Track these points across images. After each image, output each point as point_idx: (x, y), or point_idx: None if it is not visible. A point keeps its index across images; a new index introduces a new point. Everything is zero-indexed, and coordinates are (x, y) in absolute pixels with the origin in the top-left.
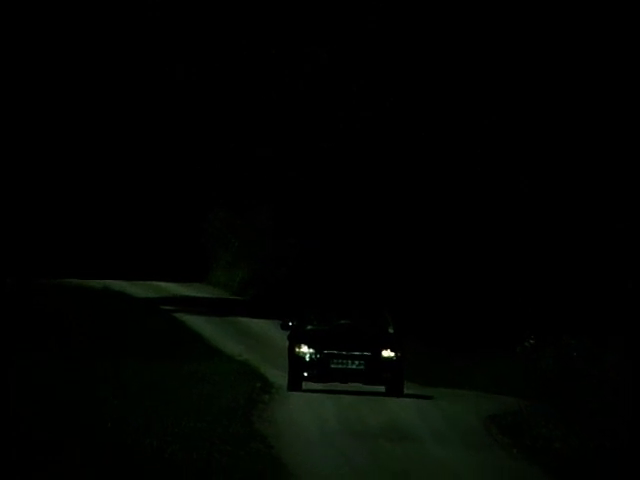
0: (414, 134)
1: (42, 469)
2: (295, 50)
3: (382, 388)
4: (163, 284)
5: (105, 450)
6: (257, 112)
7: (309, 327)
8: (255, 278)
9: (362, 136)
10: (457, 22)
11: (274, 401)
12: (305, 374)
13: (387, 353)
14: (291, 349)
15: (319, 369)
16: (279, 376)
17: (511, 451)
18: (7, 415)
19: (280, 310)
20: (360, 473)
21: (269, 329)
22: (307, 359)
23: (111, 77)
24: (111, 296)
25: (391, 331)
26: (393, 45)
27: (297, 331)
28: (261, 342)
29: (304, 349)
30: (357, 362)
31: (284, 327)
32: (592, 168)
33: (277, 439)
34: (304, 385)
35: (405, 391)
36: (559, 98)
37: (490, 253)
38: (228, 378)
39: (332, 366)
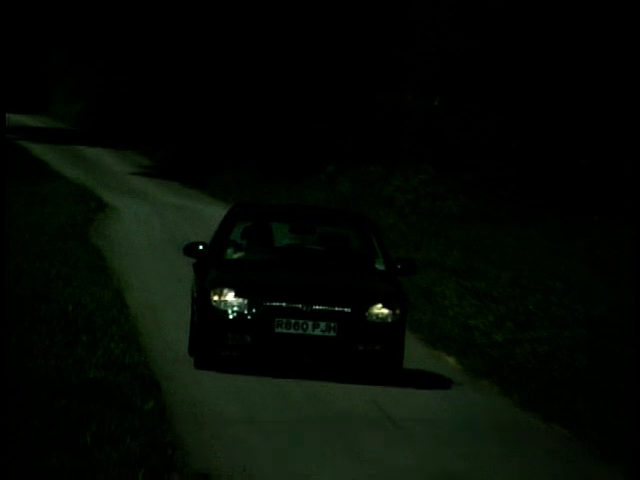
0: None
1: None
2: None
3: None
4: (8, 115)
5: None
6: None
7: (235, 255)
8: (90, 111)
9: None
10: None
11: (108, 219)
12: (229, 341)
13: (379, 310)
14: (202, 296)
15: (255, 334)
16: (112, 197)
17: None
18: None
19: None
20: (180, 276)
21: (103, 156)
22: (233, 316)
23: None
24: None
25: (382, 267)
26: None
27: (213, 263)
28: (96, 168)
29: (229, 298)
30: (324, 324)
31: (189, 252)
32: None
33: (111, 251)
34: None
35: (214, 210)
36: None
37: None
38: (67, 199)
39: (278, 330)
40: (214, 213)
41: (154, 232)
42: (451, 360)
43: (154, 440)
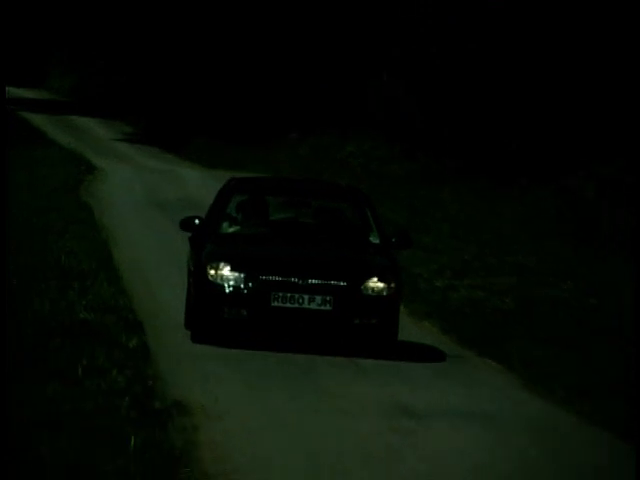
0: None
1: None
2: None
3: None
4: (8, 88)
5: None
6: None
7: (231, 229)
8: (82, 85)
9: None
10: None
11: (96, 180)
12: (225, 315)
13: (374, 284)
14: (198, 270)
15: (251, 308)
16: (100, 161)
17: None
18: None
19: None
20: (161, 230)
21: (92, 125)
22: (229, 290)
23: None
24: None
25: (376, 241)
26: None
27: (209, 237)
28: (86, 135)
29: (225, 272)
30: (319, 298)
31: (185, 226)
32: None
33: (99, 207)
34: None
35: (190, 172)
36: None
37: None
38: (60, 162)
39: (274, 304)
40: (188, 174)
41: (136, 191)
42: None
43: (137, 373)
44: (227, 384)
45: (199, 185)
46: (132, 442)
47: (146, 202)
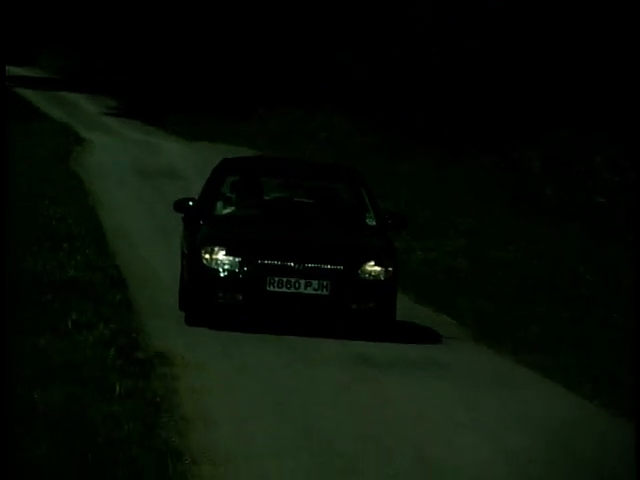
0: None
1: None
2: None
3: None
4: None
5: None
6: None
7: (225, 210)
8: (72, 63)
9: None
10: None
11: (84, 151)
12: (220, 299)
13: (371, 267)
14: (193, 254)
15: (246, 293)
16: (88, 133)
17: None
18: None
19: (94, 85)
20: (144, 201)
21: (80, 100)
22: (224, 275)
23: None
24: None
25: (372, 222)
26: None
27: (203, 219)
28: (75, 109)
29: (220, 256)
30: (316, 283)
31: (179, 208)
32: None
33: (87, 176)
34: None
35: (170, 144)
36: None
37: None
38: (52, 134)
39: (270, 289)
40: (168, 145)
41: (120, 161)
42: None
43: (122, 326)
44: (205, 337)
45: (177, 155)
46: (117, 389)
47: (129, 170)
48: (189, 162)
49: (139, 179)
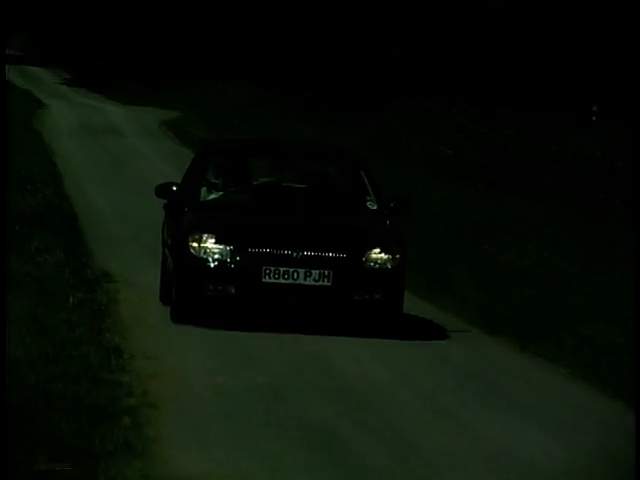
0: None
1: None
2: None
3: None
4: None
5: None
6: None
7: (211, 196)
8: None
9: None
10: None
11: (44, 113)
12: (210, 292)
13: (377, 255)
14: (178, 243)
15: (240, 285)
16: (46, 99)
17: (175, 140)
18: None
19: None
20: (91, 152)
21: (40, 73)
22: (214, 265)
23: None
24: None
25: (374, 207)
26: None
27: (188, 205)
28: (35, 80)
29: (209, 245)
30: (316, 273)
31: (161, 193)
32: None
33: (46, 133)
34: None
35: (111, 107)
36: None
37: None
38: (17, 99)
39: (266, 280)
40: (109, 108)
41: (71, 121)
42: None
43: (75, 252)
44: (143, 260)
45: (118, 116)
46: (71, 300)
47: (79, 129)
48: (125, 121)
49: (86, 135)
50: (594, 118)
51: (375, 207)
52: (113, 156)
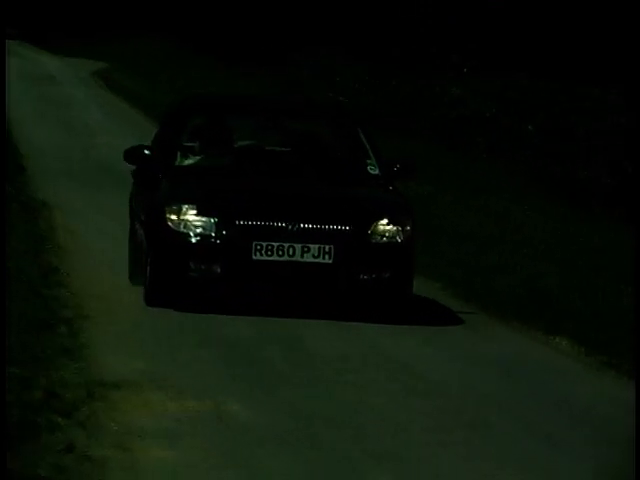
0: None
1: None
2: None
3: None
4: None
5: None
6: None
7: (187, 161)
8: None
9: None
10: None
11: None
12: (192, 272)
13: (385, 227)
14: (154, 215)
15: (226, 263)
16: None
17: (105, 88)
18: None
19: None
20: (31, 98)
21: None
22: (197, 240)
23: None
24: None
25: (375, 171)
26: None
27: (163, 172)
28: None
29: (190, 217)
30: (315, 248)
31: (131, 158)
32: None
33: None
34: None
35: (51, 60)
36: None
37: None
38: None
39: (256, 257)
40: (50, 61)
41: (17, 71)
42: None
43: (20, 187)
44: (78, 193)
45: (56, 67)
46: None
47: (23, 77)
48: (63, 72)
49: (29, 83)
50: (465, 70)
51: (377, 172)
52: (50, 100)
